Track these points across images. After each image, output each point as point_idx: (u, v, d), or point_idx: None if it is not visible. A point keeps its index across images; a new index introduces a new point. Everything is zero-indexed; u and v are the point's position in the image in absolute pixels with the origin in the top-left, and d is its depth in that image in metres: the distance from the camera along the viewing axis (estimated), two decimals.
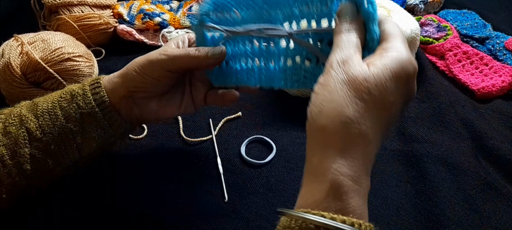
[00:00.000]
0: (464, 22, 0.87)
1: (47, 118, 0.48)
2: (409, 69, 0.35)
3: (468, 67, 0.76)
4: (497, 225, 0.51)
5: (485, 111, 0.68)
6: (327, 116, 0.33)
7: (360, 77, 0.33)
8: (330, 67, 0.35)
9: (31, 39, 0.65)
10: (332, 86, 0.33)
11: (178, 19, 0.84)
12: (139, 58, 0.49)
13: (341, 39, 0.36)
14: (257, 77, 0.49)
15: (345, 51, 0.35)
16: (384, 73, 0.33)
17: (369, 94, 0.33)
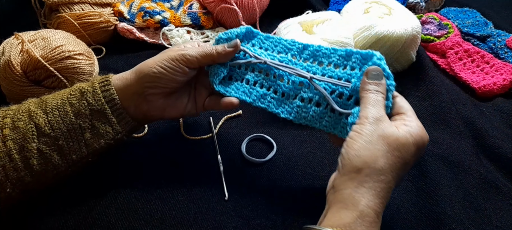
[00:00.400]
0: (466, 20, 0.87)
1: (57, 114, 0.49)
2: (425, 139, 0.43)
3: (469, 65, 0.76)
4: (497, 223, 0.51)
5: (486, 109, 0.68)
6: (364, 161, 0.40)
7: (393, 136, 0.41)
8: (366, 120, 0.43)
9: (32, 37, 0.65)
10: (369, 137, 0.41)
11: (179, 17, 0.84)
12: (156, 57, 0.52)
13: (371, 97, 0.44)
14: (263, 101, 0.54)
15: (378, 109, 0.43)
16: (409, 138, 0.42)
17: (398, 151, 0.41)
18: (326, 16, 0.72)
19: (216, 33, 0.84)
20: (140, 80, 0.51)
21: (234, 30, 0.55)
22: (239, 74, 0.56)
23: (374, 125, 0.42)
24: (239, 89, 0.55)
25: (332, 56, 0.51)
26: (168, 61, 0.51)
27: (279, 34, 0.70)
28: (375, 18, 0.72)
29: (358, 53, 0.49)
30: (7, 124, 0.49)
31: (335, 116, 0.49)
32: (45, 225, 0.49)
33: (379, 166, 0.40)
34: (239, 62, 0.55)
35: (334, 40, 0.65)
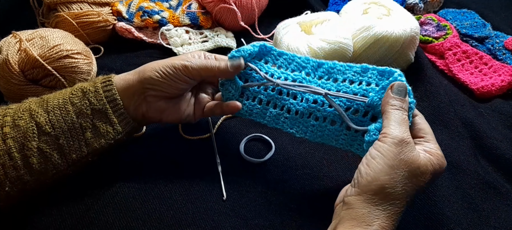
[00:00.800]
0: (464, 21, 0.87)
1: (58, 113, 0.50)
2: (443, 167, 0.43)
3: (468, 66, 0.76)
4: (495, 224, 0.51)
5: (485, 110, 0.68)
6: (383, 185, 0.40)
7: (415, 163, 0.41)
8: (390, 140, 0.41)
9: (30, 36, 0.64)
10: (392, 161, 0.41)
11: (177, 17, 0.83)
12: (161, 62, 0.53)
13: (396, 113, 0.43)
14: (278, 121, 0.54)
15: (403, 129, 0.42)
16: (429, 167, 0.42)
17: (417, 178, 0.41)
18: (325, 16, 0.72)
19: (215, 33, 0.84)
20: (142, 81, 0.52)
21: (247, 47, 0.55)
22: (251, 92, 0.56)
23: (398, 147, 0.41)
24: (252, 110, 0.56)
25: (347, 72, 0.51)
26: (171, 69, 0.52)
27: (278, 35, 0.70)
28: (374, 18, 0.72)
29: (374, 69, 0.49)
30: (8, 122, 0.49)
31: (351, 134, 0.49)
32: (43, 224, 0.49)
33: (397, 193, 0.40)
34: (252, 85, 0.56)
35: (332, 40, 0.65)
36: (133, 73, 0.54)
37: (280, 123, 0.54)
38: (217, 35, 0.84)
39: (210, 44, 0.82)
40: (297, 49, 0.65)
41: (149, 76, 0.52)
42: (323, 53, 0.64)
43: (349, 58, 0.68)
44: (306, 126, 0.52)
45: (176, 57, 0.54)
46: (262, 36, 0.86)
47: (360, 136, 0.48)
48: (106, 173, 0.54)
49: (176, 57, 0.54)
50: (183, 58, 0.53)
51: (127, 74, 0.54)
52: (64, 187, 0.52)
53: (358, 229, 0.39)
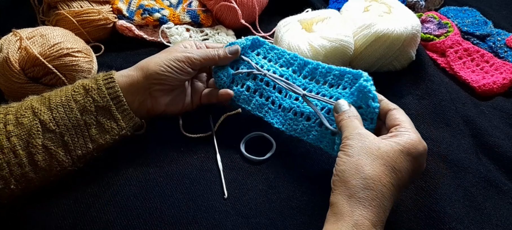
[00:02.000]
0: (465, 19, 0.87)
1: (61, 110, 0.50)
2: (419, 148, 0.44)
3: (469, 64, 0.76)
4: (497, 222, 0.51)
5: (486, 108, 0.68)
6: (350, 173, 0.42)
7: (375, 146, 0.43)
8: (348, 137, 0.45)
9: (30, 34, 0.64)
10: (352, 151, 0.44)
11: (178, 15, 0.83)
12: (162, 56, 0.55)
13: (345, 122, 0.47)
14: (261, 110, 0.59)
15: (354, 126, 0.46)
16: (395, 147, 0.43)
17: (382, 159, 0.42)
18: (325, 14, 0.72)
19: (216, 31, 0.84)
20: (147, 77, 0.54)
21: (241, 40, 0.61)
22: (241, 79, 0.61)
23: (354, 139, 0.44)
24: (239, 95, 0.60)
25: (327, 75, 0.56)
26: (175, 62, 0.55)
27: (279, 32, 0.70)
28: (375, 16, 0.71)
29: (350, 73, 0.54)
30: (10, 120, 0.49)
31: (322, 131, 0.54)
32: (43, 222, 0.49)
33: (365, 176, 0.41)
34: (242, 72, 0.60)
35: (333, 38, 0.65)
36: (135, 69, 0.55)
37: (263, 112, 0.59)
38: (217, 33, 0.84)
39: (210, 42, 0.82)
40: (298, 46, 0.64)
41: (155, 71, 0.54)
42: (324, 51, 0.64)
43: (350, 56, 0.68)
44: (285, 119, 0.57)
45: (174, 49, 0.57)
46: (263, 34, 0.86)
47: (329, 134, 0.53)
48: (107, 172, 0.54)
49: (174, 49, 0.57)
50: (182, 50, 0.56)
51: (129, 71, 0.55)
52: (65, 185, 0.52)
53: (340, 222, 0.40)
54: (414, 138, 0.44)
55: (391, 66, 0.72)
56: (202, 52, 0.57)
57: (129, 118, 0.54)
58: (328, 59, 0.64)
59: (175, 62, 0.55)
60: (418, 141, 0.45)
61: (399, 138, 0.44)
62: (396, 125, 0.47)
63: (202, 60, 0.57)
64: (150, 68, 0.54)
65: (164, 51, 0.57)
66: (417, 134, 0.45)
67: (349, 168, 0.42)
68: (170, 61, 0.54)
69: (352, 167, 0.42)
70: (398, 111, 0.48)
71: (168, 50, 0.57)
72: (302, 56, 0.64)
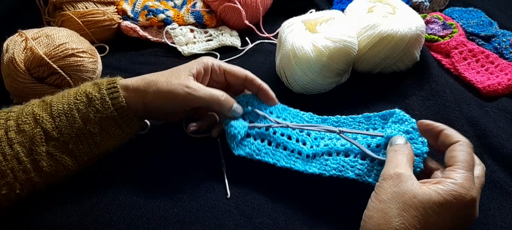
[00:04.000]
0: (470, 20, 0.86)
1: (64, 119, 0.49)
2: (463, 197, 0.38)
3: (474, 65, 0.76)
4: (502, 224, 0.50)
5: (491, 109, 0.67)
6: (376, 223, 0.38)
7: (410, 193, 0.38)
8: (383, 179, 0.41)
9: (35, 35, 0.65)
10: (383, 196, 0.39)
11: (182, 16, 0.84)
12: (161, 84, 0.52)
13: (395, 156, 0.42)
14: (288, 160, 0.54)
15: (398, 167, 0.41)
16: (435, 196, 0.38)
17: (416, 210, 0.37)
18: (329, 15, 0.72)
19: (220, 32, 0.84)
20: (142, 100, 0.52)
21: (249, 98, 0.58)
22: (259, 134, 0.56)
23: (389, 181, 0.40)
24: (261, 150, 0.55)
25: (351, 123, 0.55)
26: (171, 97, 0.52)
27: (282, 33, 0.70)
28: (379, 17, 0.71)
29: (376, 115, 0.53)
30: (12, 127, 0.48)
31: (367, 163, 0.48)
32: (47, 221, 0.49)
33: (392, 228, 0.37)
34: (259, 125, 0.56)
35: (337, 39, 0.65)
36: (142, 83, 0.52)
37: (291, 162, 0.54)
38: (221, 34, 0.84)
39: (214, 43, 0.82)
40: (302, 47, 0.64)
41: (150, 101, 0.52)
42: (328, 52, 0.64)
43: (354, 57, 0.68)
44: (318, 162, 0.52)
45: (179, 81, 0.52)
46: (266, 35, 0.86)
47: (376, 166, 0.47)
48: (110, 171, 0.54)
49: (178, 80, 0.52)
50: (183, 83, 0.52)
51: (135, 82, 0.52)
52: (69, 184, 0.52)
53: None
54: (461, 191, 0.38)
55: (395, 67, 0.72)
56: (203, 93, 0.52)
57: (134, 123, 0.53)
58: (332, 59, 0.64)
59: (170, 97, 0.51)
60: (465, 194, 0.38)
61: (442, 186, 0.38)
62: (450, 165, 0.41)
63: (202, 100, 0.52)
64: (147, 96, 0.51)
65: (175, 73, 0.53)
66: (468, 183, 0.39)
67: (377, 215, 0.38)
68: (163, 95, 0.51)
69: (380, 215, 0.38)
70: (460, 146, 0.42)
71: (172, 80, 0.52)
72: (306, 57, 0.64)
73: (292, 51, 0.65)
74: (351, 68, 0.72)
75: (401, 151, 0.43)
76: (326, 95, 0.69)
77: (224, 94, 0.54)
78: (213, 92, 0.53)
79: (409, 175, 0.40)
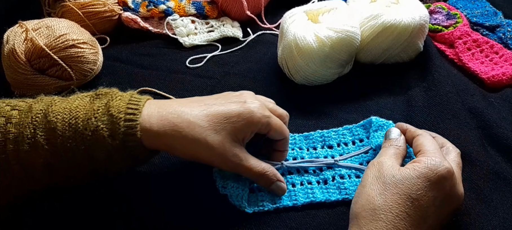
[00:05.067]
0: (475, 9, 0.85)
1: (71, 157, 0.42)
2: (439, 171, 0.41)
3: (478, 56, 0.75)
4: (504, 215, 0.50)
5: (495, 99, 0.67)
6: (361, 205, 0.41)
7: (389, 173, 0.42)
8: (367, 167, 0.44)
9: (36, 26, 0.65)
10: (365, 181, 0.42)
11: (183, 7, 0.83)
12: (198, 144, 0.42)
13: (383, 149, 0.47)
14: (308, 195, 0.51)
15: (382, 157, 0.45)
16: (412, 172, 0.41)
17: (396, 187, 0.40)
18: (332, 5, 0.71)
19: (221, 23, 0.84)
20: (181, 149, 0.44)
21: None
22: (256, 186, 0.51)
23: (372, 168, 0.43)
24: (273, 197, 0.50)
25: (336, 136, 0.57)
26: (197, 158, 0.45)
27: (284, 24, 0.69)
28: (382, 7, 0.70)
29: (356, 126, 0.58)
30: (10, 140, 0.41)
31: None
32: (45, 221, 0.48)
33: (375, 206, 0.39)
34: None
35: (340, 29, 0.64)
36: (160, 136, 0.42)
37: (310, 194, 0.51)
38: (223, 24, 0.83)
39: (216, 34, 0.82)
40: (304, 37, 0.64)
41: (179, 153, 0.45)
42: (330, 42, 0.63)
43: (357, 47, 0.67)
44: (336, 187, 0.52)
45: (223, 132, 0.43)
46: (268, 26, 0.85)
47: None
48: None
49: (222, 130, 0.43)
50: (228, 155, 0.44)
51: (154, 134, 0.42)
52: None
53: None
54: (434, 162, 0.42)
55: (398, 57, 0.71)
56: (238, 162, 0.45)
57: (147, 158, 0.47)
58: (335, 50, 0.64)
59: (209, 161, 0.45)
60: (438, 164, 0.42)
61: (416, 164, 0.42)
62: (418, 151, 0.45)
63: (241, 171, 0.46)
64: (174, 149, 0.44)
65: (213, 125, 0.43)
66: (439, 158, 0.43)
67: (361, 199, 0.41)
68: (191, 155, 0.44)
69: (364, 197, 0.41)
70: (422, 137, 0.47)
71: (219, 129, 0.43)
72: (308, 47, 0.63)
73: (294, 42, 0.65)
74: (353, 59, 0.71)
75: (391, 145, 0.47)
76: (328, 86, 0.68)
77: (266, 171, 0.47)
78: (255, 170, 0.46)
79: (388, 161, 0.44)
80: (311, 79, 0.67)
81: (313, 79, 0.67)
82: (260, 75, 0.72)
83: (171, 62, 0.75)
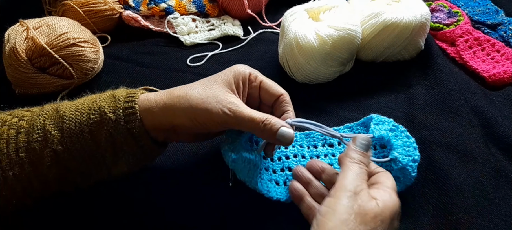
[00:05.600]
0: (476, 8, 0.85)
1: (75, 140, 0.44)
2: (398, 209, 0.41)
3: (479, 54, 0.75)
4: (506, 213, 0.50)
5: (496, 98, 0.67)
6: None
7: (371, 213, 0.38)
8: (342, 192, 0.39)
9: (37, 24, 0.65)
10: (344, 216, 0.37)
11: (184, 5, 0.83)
12: (193, 100, 0.44)
13: (353, 168, 0.41)
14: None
15: (357, 184, 0.40)
16: (385, 211, 0.39)
17: (373, 226, 0.37)
18: (333, 3, 0.71)
19: (222, 21, 0.84)
20: (171, 120, 0.45)
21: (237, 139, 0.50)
22: (265, 165, 0.52)
23: (351, 200, 0.38)
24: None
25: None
26: (207, 118, 0.44)
27: (285, 22, 0.69)
28: (383, 5, 0.70)
29: (357, 124, 0.56)
30: (22, 142, 0.44)
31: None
32: (45, 221, 0.49)
33: None
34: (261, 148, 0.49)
35: (341, 27, 0.64)
36: (160, 106, 0.44)
37: None
38: (223, 23, 0.83)
39: (216, 33, 0.81)
40: (305, 36, 0.64)
41: (182, 123, 0.45)
42: (331, 40, 0.63)
43: (358, 45, 0.67)
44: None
45: (217, 98, 0.44)
46: (269, 24, 0.85)
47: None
48: None
49: (215, 95, 0.44)
50: (224, 102, 0.44)
51: (154, 106, 0.44)
52: None
53: None
54: (396, 199, 0.41)
55: (399, 55, 0.71)
56: (245, 113, 0.44)
57: (151, 150, 0.47)
58: (335, 48, 0.64)
59: (206, 118, 0.44)
60: (398, 202, 0.41)
61: (387, 200, 0.40)
62: (374, 183, 0.43)
63: (241, 122, 0.44)
64: (176, 114, 0.44)
65: (208, 86, 0.45)
66: (390, 190, 0.42)
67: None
68: (198, 115, 0.43)
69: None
70: (383, 175, 0.44)
71: (213, 86, 0.45)
72: (309, 46, 0.63)
73: (295, 40, 0.65)
74: (354, 57, 0.71)
75: (364, 165, 0.42)
76: (329, 84, 0.68)
77: (267, 117, 0.44)
78: (257, 118, 0.44)
79: (367, 191, 0.40)
80: (312, 77, 0.67)
81: (314, 78, 0.67)
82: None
83: (172, 60, 0.75)
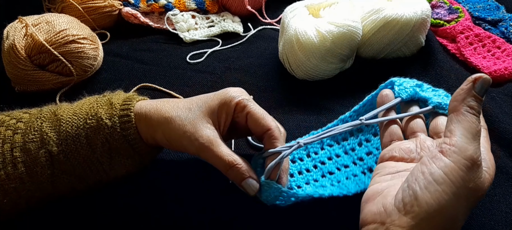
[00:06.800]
0: (477, 4, 0.85)
1: (71, 143, 0.44)
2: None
3: (480, 50, 0.75)
4: (506, 209, 0.50)
5: (497, 94, 0.66)
6: (448, 218, 0.32)
7: (482, 191, 0.34)
8: (463, 162, 0.33)
9: (36, 21, 0.64)
10: (460, 190, 0.32)
11: (183, 2, 0.83)
12: (173, 127, 0.44)
13: (472, 122, 0.34)
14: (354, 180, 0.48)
15: (476, 147, 0.33)
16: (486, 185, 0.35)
17: (476, 202, 0.35)
18: None
19: (222, 18, 0.83)
20: (164, 137, 0.45)
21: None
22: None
23: (469, 172, 0.33)
24: (309, 181, 0.49)
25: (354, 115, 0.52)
26: (191, 151, 0.45)
27: (285, 18, 0.69)
28: (384, 1, 0.70)
29: (363, 104, 0.52)
30: (18, 142, 0.44)
31: None
32: (46, 222, 0.48)
33: (457, 226, 0.34)
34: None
35: (341, 23, 0.64)
36: (146, 123, 0.45)
37: (357, 181, 0.47)
38: (223, 19, 0.83)
39: (216, 29, 0.81)
40: (305, 32, 0.63)
41: (161, 142, 0.46)
42: (331, 37, 0.63)
43: (358, 42, 0.67)
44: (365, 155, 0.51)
45: (199, 115, 0.44)
46: (269, 20, 0.85)
47: None
48: None
49: (199, 113, 0.44)
50: (197, 137, 0.43)
51: (148, 117, 0.45)
52: None
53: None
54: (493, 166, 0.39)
55: (400, 52, 0.71)
56: (219, 153, 0.43)
57: (147, 154, 0.47)
58: (336, 45, 0.64)
59: (184, 148, 0.44)
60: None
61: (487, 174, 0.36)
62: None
63: (214, 163, 0.44)
64: (172, 141, 0.44)
65: (192, 112, 0.44)
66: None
67: (446, 214, 0.33)
68: (179, 142, 0.44)
69: (451, 212, 0.33)
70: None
71: (195, 114, 0.44)
72: (309, 42, 0.63)
73: (295, 37, 0.64)
74: (355, 54, 0.71)
75: (480, 118, 0.36)
76: (329, 81, 0.68)
77: (237, 163, 0.43)
78: (225, 158, 0.42)
79: (482, 164, 0.35)
80: (312, 74, 0.67)
81: (314, 74, 0.67)
82: (261, 70, 0.72)
83: (172, 57, 0.75)
